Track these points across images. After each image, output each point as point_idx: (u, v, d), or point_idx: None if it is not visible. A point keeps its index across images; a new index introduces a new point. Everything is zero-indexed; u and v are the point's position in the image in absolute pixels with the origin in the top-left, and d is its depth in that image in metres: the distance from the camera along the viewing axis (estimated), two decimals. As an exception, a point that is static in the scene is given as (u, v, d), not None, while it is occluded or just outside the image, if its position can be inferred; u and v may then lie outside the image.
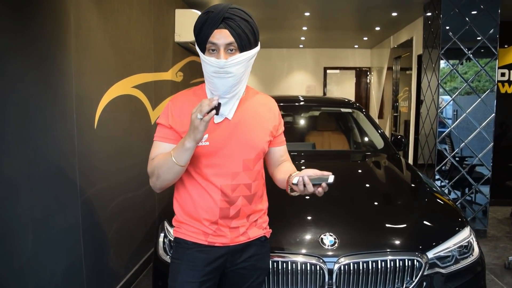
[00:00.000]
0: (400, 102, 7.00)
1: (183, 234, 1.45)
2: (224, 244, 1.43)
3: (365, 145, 3.53)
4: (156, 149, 1.39)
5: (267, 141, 1.47)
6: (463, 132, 4.03)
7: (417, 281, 1.79)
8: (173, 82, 4.10)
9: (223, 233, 1.42)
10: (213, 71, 1.28)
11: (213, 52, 1.29)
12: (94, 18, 2.41)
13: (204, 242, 1.42)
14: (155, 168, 1.33)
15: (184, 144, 1.24)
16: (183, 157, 1.26)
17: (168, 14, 3.99)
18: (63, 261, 2.09)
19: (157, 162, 1.33)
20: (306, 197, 2.22)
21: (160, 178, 1.34)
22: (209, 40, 1.28)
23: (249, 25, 1.31)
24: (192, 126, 1.20)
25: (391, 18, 5.90)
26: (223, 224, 1.41)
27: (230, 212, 1.40)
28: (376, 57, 9.10)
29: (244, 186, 1.41)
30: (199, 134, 1.20)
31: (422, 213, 2.13)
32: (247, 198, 1.42)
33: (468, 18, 3.86)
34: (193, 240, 1.43)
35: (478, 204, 4.13)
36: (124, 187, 2.85)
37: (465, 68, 3.99)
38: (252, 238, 1.48)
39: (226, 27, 1.27)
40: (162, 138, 1.39)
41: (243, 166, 1.40)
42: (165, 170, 1.30)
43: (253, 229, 1.49)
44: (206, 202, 1.39)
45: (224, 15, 1.26)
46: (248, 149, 1.40)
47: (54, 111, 2.01)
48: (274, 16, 5.83)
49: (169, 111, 1.39)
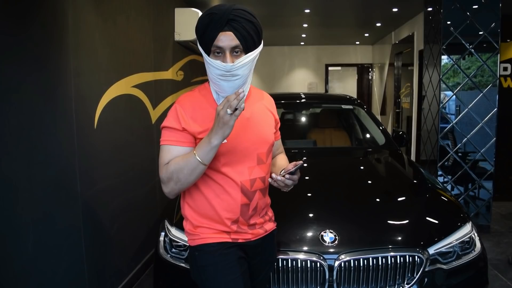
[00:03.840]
0: (402, 98, 6.98)
1: (203, 239, 1.41)
2: (246, 240, 1.45)
3: (367, 142, 3.52)
4: (168, 154, 1.34)
5: (273, 133, 1.52)
6: (466, 128, 4.00)
7: (418, 277, 1.78)
8: (173, 81, 4.10)
9: (243, 230, 1.43)
10: (219, 74, 1.27)
11: (219, 55, 1.28)
12: (93, 18, 2.41)
13: (229, 239, 1.42)
14: (174, 173, 1.29)
15: (211, 142, 1.23)
16: (209, 155, 1.26)
17: (168, 13, 3.99)
18: (64, 261, 2.10)
19: (176, 166, 1.29)
20: (308, 194, 2.24)
21: (180, 182, 1.30)
22: (214, 44, 1.26)
23: (254, 26, 1.30)
24: (221, 123, 1.20)
25: (392, 14, 5.88)
26: (243, 221, 1.42)
27: (250, 208, 1.42)
28: (377, 53, 9.07)
29: (260, 179, 1.43)
30: (228, 129, 1.21)
31: (423, 209, 2.12)
32: (262, 191, 1.45)
33: (469, 13, 3.83)
34: (217, 241, 1.41)
35: (482, 199, 4.10)
36: (125, 186, 2.85)
37: (468, 63, 3.96)
38: (268, 231, 1.53)
39: (231, 30, 1.25)
40: (174, 141, 1.34)
41: (257, 160, 1.42)
42: (187, 172, 1.28)
43: (268, 223, 1.53)
44: (227, 201, 1.39)
45: (228, 17, 1.25)
46: (261, 143, 1.43)
47: (53, 111, 2.01)
48: (274, 13, 5.82)
49: (179, 114, 1.35)
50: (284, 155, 1.69)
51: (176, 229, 1.97)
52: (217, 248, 1.40)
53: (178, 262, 1.91)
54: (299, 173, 1.42)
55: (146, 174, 3.24)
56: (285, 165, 1.51)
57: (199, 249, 1.42)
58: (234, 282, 1.38)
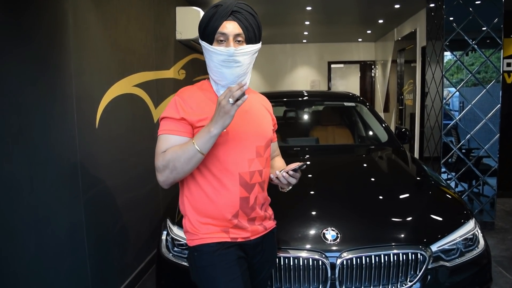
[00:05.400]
0: (405, 95, 6.95)
1: (202, 239, 1.41)
2: (245, 238, 1.44)
3: (369, 139, 3.51)
4: (166, 143, 1.35)
5: (272, 130, 1.55)
6: (469, 124, 3.98)
7: (421, 275, 1.78)
8: (175, 80, 4.09)
9: (243, 226, 1.43)
10: (222, 59, 1.32)
11: (222, 43, 1.35)
12: (93, 18, 2.41)
13: (227, 239, 1.41)
14: (170, 161, 1.31)
15: (210, 131, 1.25)
16: (207, 144, 1.27)
17: (169, 11, 3.99)
18: (67, 260, 2.10)
19: (173, 154, 1.31)
20: (311, 192, 2.23)
21: (176, 170, 1.31)
22: (219, 31, 1.34)
23: (255, 19, 1.40)
24: (222, 112, 1.22)
25: (394, 10, 5.85)
26: (243, 215, 1.42)
27: (250, 201, 1.42)
28: (380, 50, 9.04)
29: (258, 172, 1.43)
30: (229, 119, 1.23)
31: (426, 206, 2.11)
32: (260, 185, 1.46)
33: (471, 8, 3.80)
34: (216, 241, 1.40)
35: (486, 196, 4.08)
36: (127, 186, 2.85)
37: (471, 59, 3.94)
38: (268, 229, 1.52)
39: (235, 19, 1.35)
40: (172, 131, 1.36)
41: (256, 152, 1.43)
42: (184, 160, 1.29)
43: (267, 221, 1.53)
44: (226, 194, 1.39)
45: (233, 9, 1.35)
46: (259, 136, 1.45)
47: (54, 111, 2.01)
48: (276, 11, 5.81)
49: (177, 104, 1.38)
50: (281, 158, 1.72)
51: (178, 228, 1.97)
52: (216, 249, 1.39)
53: (180, 261, 1.91)
54: (300, 173, 1.45)
55: (148, 173, 3.24)
56: (282, 167, 1.54)
57: (198, 250, 1.42)
58: (233, 283, 1.37)
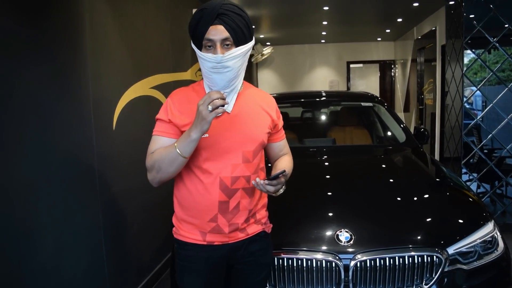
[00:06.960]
0: (426, 94, 6.83)
1: (181, 236, 1.48)
2: (222, 242, 1.44)
3: (387, 140, 3.46)
4: (155, 144, 1.40)
5: (266, 133, 1.48)
6: (492, 123, 3.88)
7: (437, 278, 1.74)
8: (193, 82, 4.12)
9: (221, 230, 1.42)
10: (211, 66, 1.31)
11: (210, 48, 1.32)
12: (110, 21, 2.45)
13: (203, 242, 1.43)
14: (156, 161, 1.35)
15: (190, 136, 1.27)
16: (187, 148, 1.29)
17: (185, 14, 4.02)
18: (84, 260, 2.14)
19: (158, 156, 1.35)
20: (328, 193, 2.22)
21: (160, 171, 1.35)
22: (205, 37, 1.31)
23: (243, 19, 1.35)
24: (200, 117, 1.23)
25: (413, 9, 5.77)
26: (222, 219, 1.41)
27: (229, 206, 1.41)
28: (399, 49, 8.91)
29: (244, 178, 1.41)
30: (206, 125, 1.24)
31: (443, 207, 2.07)
32: (246, 191, 1.43)
33: (492, 5, 3.71)
34: (191, 241, 1.45)
35: (509, 197, 3.98)
36: (144, 187, 2.86)
37: (496, 57, 3.85)
38: (251, 235, 1.49)
39: (221, 23, 1.31)
40: (162, 132, 1.41)
41: (243, 158, 1.41)
42: (167, 162, 1.33)
43: (252, 225, 1.49)
44: (205, 195, 1.40)
45: (218, 11, 1.30)
46: (247, 141, 1.42)
47: (72, 114, 2.06)
48: (293, 12, 5.79)
49: (167, 107, 1.42)
50: (288, 156, 1.64)
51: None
52: (190, 248, 1.45)
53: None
54: (284, 180, 1.38)
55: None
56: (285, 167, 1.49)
57: (178, 242, 1.50)
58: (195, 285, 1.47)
